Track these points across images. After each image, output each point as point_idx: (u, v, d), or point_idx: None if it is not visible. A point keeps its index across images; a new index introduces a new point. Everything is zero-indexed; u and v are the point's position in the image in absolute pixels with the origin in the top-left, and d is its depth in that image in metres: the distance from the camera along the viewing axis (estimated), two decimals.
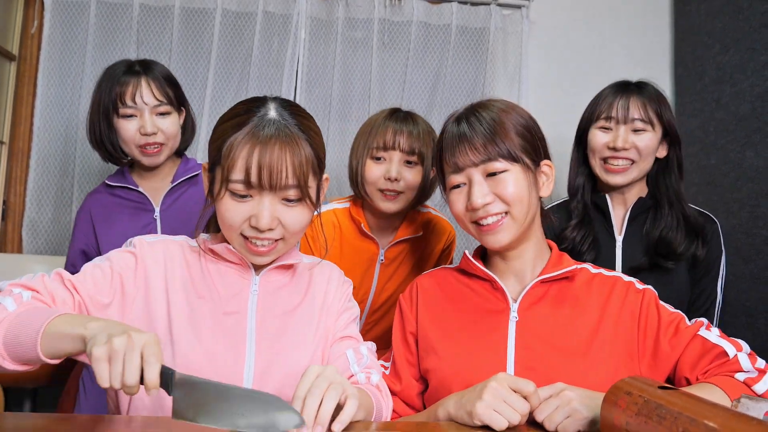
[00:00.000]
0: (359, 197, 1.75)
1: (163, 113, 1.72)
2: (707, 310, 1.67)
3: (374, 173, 1.67)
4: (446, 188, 1.22)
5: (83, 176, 2.47)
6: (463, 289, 1.26)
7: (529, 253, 1.22)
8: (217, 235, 1.17)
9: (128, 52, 2.48)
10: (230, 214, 1.05)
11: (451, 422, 1.04)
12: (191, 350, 1.04)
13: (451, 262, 1.87)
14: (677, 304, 1.23)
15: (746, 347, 1.11)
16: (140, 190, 1.79)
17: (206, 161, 1.15)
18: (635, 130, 1.62)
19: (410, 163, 1.68)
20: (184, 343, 1.04)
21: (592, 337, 1.14)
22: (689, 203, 1.71)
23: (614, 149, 1.62)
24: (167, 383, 0.82)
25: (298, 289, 1.18)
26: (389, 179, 1.65)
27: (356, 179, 1.71)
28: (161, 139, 1.71)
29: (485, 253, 1.29)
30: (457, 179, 1.18)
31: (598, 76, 2.61)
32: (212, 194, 1.08)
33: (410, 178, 1.67)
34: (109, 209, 1.78)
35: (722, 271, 1.69)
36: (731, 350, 1.09)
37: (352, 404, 0.88)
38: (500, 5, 2.65)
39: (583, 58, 2.71)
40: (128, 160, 1.81)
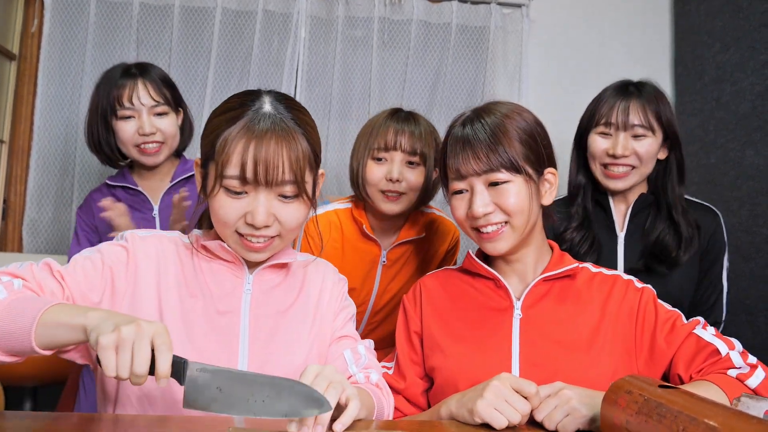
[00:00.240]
0: (360, 199, 1.72)
1: (160, 113, 1.73)
2: (715, 301, 1.67)
3: (375, 174, 1.64)
4: (448, 192, 1.22)
5: (83, 175, 2.47)
6: (466, 288, 1.26)
7: (530, 256, 1.23)
8: (210, 231, 1.13)
9: (128, 51, 2.48)
10: (224, 210, 1.02)
11: (452, 421, 1.04)
12: (183, 350, 1.01)
13: (455, 263, 1.86)
14: (675, 304, 1.24)
15: (738, 345, 1.12)
16: (140, 189, 1.80)
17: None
18: (635, 135, 1.60)
19: (412, 163, 1.65)
20: (175, 342, 1.00)
21: (594, 333, 1.15)
22: (690, 197, 1.71)
23: (614, 156, 1.61)
24: (179, 372, 0.81)
25: (292, 287, 1.16)
26: (391, 180, 1.62)
27: (357, 180, 1.68)
28: (160, 138, 1.72)
29: (486, 255, 1.29)
30: (459, 186, 1.18)
31: (598, 74, 2.61)
32: (205, 190, 1.06)
33: (412, 178, 1.64)
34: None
35: (726, 263, 1.69)
36: (723, 348, 1.10)
37: (354, 405, 0.87)
38: (500, 4, 2.65)
39: (583, 56, 2.71)
40: (127, 162, 1.83)
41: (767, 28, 2.13)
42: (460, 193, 1.19)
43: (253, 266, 1.12)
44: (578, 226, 1.67)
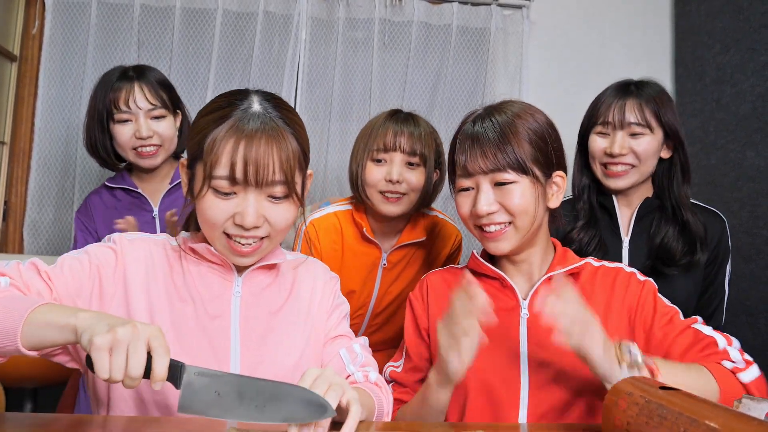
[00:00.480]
0: (360, 201, 1.70)
1: (157, 117, 1.73)
2: (716, 308, 1.66)
3: (375, 175, 1.63)
4: (455, 188, 1.22)
5: (84, 177, 2.47)
6: None
7: (535, 256, 1.23)
8: (197, 234, 1.11)
9: (129, 52, 2.48)
10: (212, 211, 1.00)
11: (450, 423, 1.05)
12: (173, 354, 0.96)
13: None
14: (682, 308, 1.23)
15: (737, 343, 1.12)
16: (139, 191, 1.80)
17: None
18: (633, 134, 1.59)
19: (412, 164, 1.64)
20: None
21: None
22: (694, 201, 1.70)
23: (611, 155, 1.60)
24: (175, 376, 0.79)
25: (282, 288, 1.14)
26: (390, 181, 1.61)
27: (357, 182, 1.67)
28: (157, 141, 1.72)
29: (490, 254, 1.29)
30: (465, 183, 1.18)
31: (598, 76, 2.61)
32: (192, 192, 1.03)
33: (413, 179, 1.63)
34: (109, 210, 1.79)
35: (729, 267, 1.68)
36: (722, 342, 1.10)
37: (356, 410, 0.86)
38: (501, 5, 2.65)
39: (583, 58, 2.71)
40: (125, 165, 1.83)
41: (767, 29, 2.13)
42: (466, 190, 1.18)
43: (242, 268, 1.10)
44: (585, 225, 1.66)
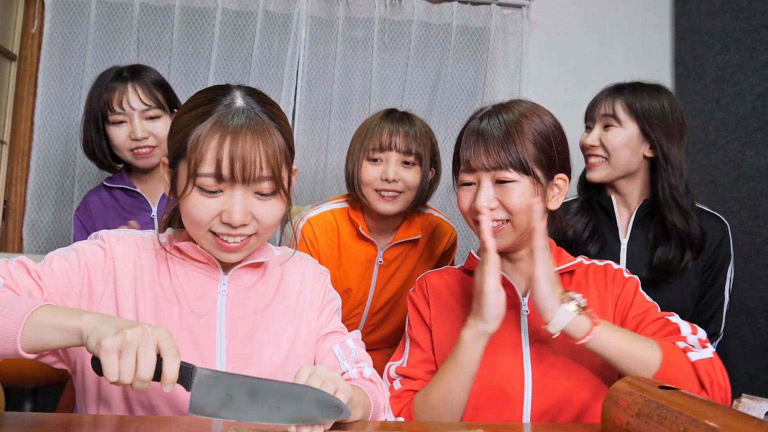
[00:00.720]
0: (356, 200, 1.72)
1: (152, 117, 1.72)
2: (714, 313, 1.66)
3: (371, 174, 1.64)
4: (457, 183, 1.25)
5: (84, 176, 2.47)
6: (470, 289, 1.26)
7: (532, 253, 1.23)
8: (182, 231, 1.08)
9: (129, 52, 2.48)
10: (198, 210, 0.98)
11: (449, 422, 1.04)
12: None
13: (452, 263, 1.86)
14: (680, 313, 1.24)
15: (702, 333, 1.13)
16: (138, 190, 1.79)
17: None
18: (606, 126, 1.64)
19: (408, 163, 1.65)
20: None
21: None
22: (698, 205, 1.69)
23: (584, 147, 1.68)
24: (186, 378, 0.79)
25: (269, 286, 1.12)
26: (386, 180, 1.62)
27: (353, 181, 1.68)
28: (153, 142, 1.71)
29: None
30: (467, 178, 1.20)
31: (598, 75, 2.60)
32: (175, 191, 1.01)
33: (409, 178, 1.64)
34: (107, 209, 1.79)
35: (730, 274, 1.67)
36: (686, 329, 1.13)
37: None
38: (501, 5, 2.65)
39: (583, 57, 2.71)
40: (122, 166, 1.82)
41: (767, 29, 2.13)
42: (467, 185, 1.20)
43: (228, 267, 1.09)
44: (579, 208, 1.69)
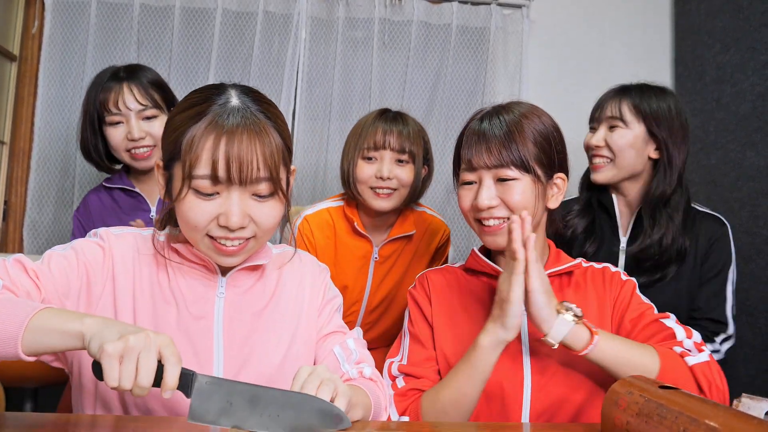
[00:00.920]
0: (352, 198, 1.76)
1: (149, 117, 1.71)
2: (716, 308, 1.64)
3: (366, 172, 1.69)
4: (458, 182, 1.26)
5: (84, 177, 2.47)
6: (471, 288, 1.28)
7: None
8: (180, 232, 1.05)
9: (129, 52, 2.48)
10: (194, 213, 0.95)
11: (451, 423, 1.05)
12: None
13: (446, 259, 1.89)
14: (672, 310, 1.25)
15: (697, 336, 1.14)
16: (137, 191, 1.79)
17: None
18: (611, 127, 1.64)
19: (401, 161, 1.70)
20: None
21: (595, 324, 1.17)
22: (694, 204, 1.69)
23: (589, 148, 1.68)
24: (186, 385, 0.79)
25: (267, 288, 1.11)
26: (381, 178, 1.67)
27: (348, 180, 1.72)
28: (150, 142, 1.71)
29: (489, 251, 1.31)
30: (468, 177, 1.21)
31: (598, 75, 2.62)
32: (170, 194, 0.99)
33: (403, 176, 1.69)
34: (106, 210, 1.78)
35: (732, 275, 1.66)
36: (681, 334, 1.14)
37: (339, 403, 0.86)
38: (500, 5, 2.65)
39: (583, 57, 2.71)
40: (121, 167, 1.82)
41: (767, 28, 2.13)
42: (468, 184, 1.22)
43: (226, 269, 1.07)
44: (580, 210, 1.69)
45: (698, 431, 0.73)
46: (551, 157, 1.20)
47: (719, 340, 1.62)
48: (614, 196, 1.71)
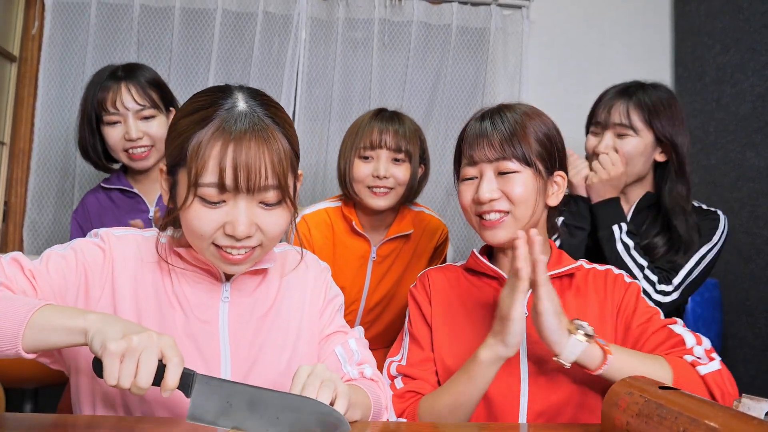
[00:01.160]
0: (349, 198, 1.77)
1: (147, 117, 1.70)
2: (673, 263, 1.58)
3: (362, 171, 1.70)
4: (459, 179, 1.26)
5: (84, 177, 2.47)
6: (471, 287, 1.28)
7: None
8: (183, 235, 1.03)
9: (129, 53, 2.48)
10: (200, 222, 0.92)
11: (452, 423, 1.04)
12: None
13: (444, 259, 1.89)
14: None
15: (707, 343, 1.13)
16: (135, 191, 1.78)
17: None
18: (619, 134, 1.62)
19: (398, 160, 1.71)
20: None
21: (597, 329, 1.15)
22: (697, 203, 1.69)
23: (596, 154, 1.64)
24: (187, 384, 0.79)
25: (270, 289, 1.10)
26: (377, 177, 1.68)
27: (344, 179, 1.73)
28: (148, 142, 1.70)
29: (491, 253, 1.31)
30: (470, 172, 1.22)
31: (598, 75, 2.60)
32: (174, 199, 0.97)
33: (399, 174, 1.70)
34: (105, 210, 1.77)
35: (706, 254, 1.58)
36: (690, 341, 1.12)
37: (340, 404, 0.86)
38: (500, 5, 2.65)
39: (583, 58, 2.72)
40: (120, 166, 1.81)
41: (767, 29, 2.13)
42: (469, 179, 1.22)
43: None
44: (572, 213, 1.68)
45: (698, 431, 0.73)
46: (552, 154, 1.21)
47: (669, 288, 1.57)
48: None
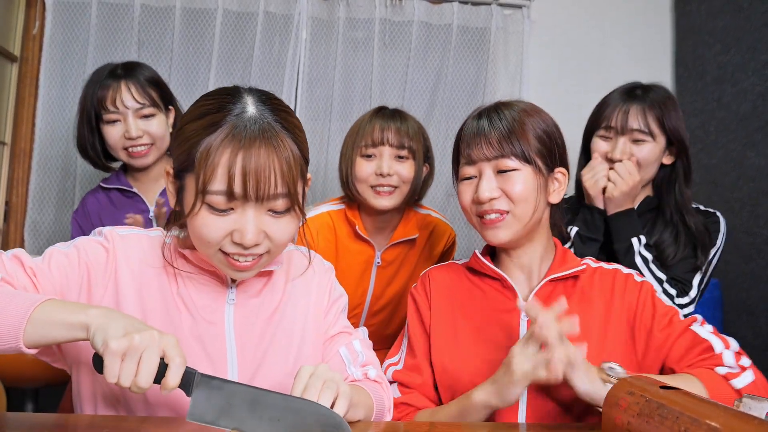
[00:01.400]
0: (352, 200, 1.72)
1: (147, 115, 1.69)
2: (686, 274, 1.60)
3: (365, 170, 1.65)
4: (458, 179, 1.24)
5: (85, 177, 2.47)
6: (473, 288, 1.25)
7: (535, 252, 1.22)
8: (188, 236, 1.01)
9: (129, 52, 2.48)
10: (208, 229, 0.91)
11: (451, 423, 1.04)
12: None
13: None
14: None
15: (735, 345, 1.11)
16: (134, 190, 1.77)
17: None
18: (635, 140, 1.59)
19: (401, 157, 1.66)
20: None
21: (601, 332, 1.15)
22: (694, 204, 1.69)
23: (611, 160, 1.60)
24: (188, 383, 0.79)
25: (276, 289, 1.09)
26: (381, 174, 1.63)
27: (347, 180, 1.69)
28: (147, 140, 1.70)
29: (493, 252, 1.29)
30: (468, 171, 1.20)
31: (599, 75, 2.62)
32: (182, 204, 0.95)
33: (403, 172, 1.65)
34: (104, 210, 1.77)
35: (710, 257, 1.60)
36: (719, 346, 1.10)
37: (340, 405, 0.86)
38: (501, 5, 2.65)
39: (584, 57, 2.71)
40: (119, 166, 1.81)
41: None
42: (468, 179, 1.20)
43: None
44: (572, 220, 1.67)
45: (699, 431, 0.73)
46: (552, 150, 1.19)
47: (686, 300, 1.59)
48: None
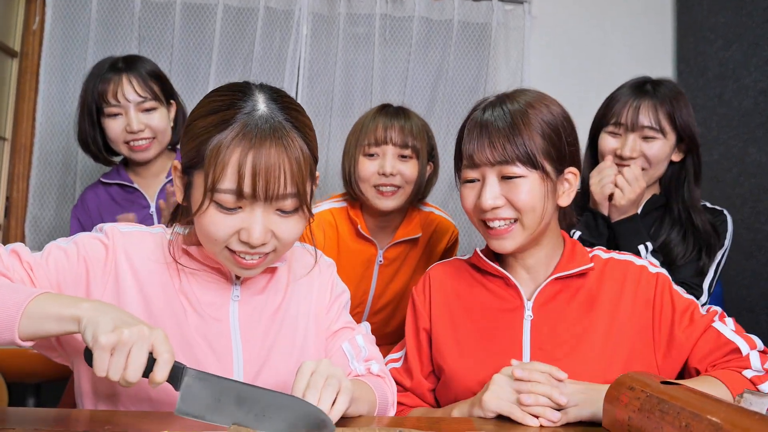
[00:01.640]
0: (354, 199, 1.70)
1: (148, 109, 1.68)
2: (695, 278, 1.59)
3: (368, 170, 1.62)
4: (460, 179, 1.16)
5: (85, 172, 2.47)
6: (476, 285, 1.21)
7: (541, 254, 1.16)
8: (191, 232, 1.01)
9: (130, 47, 2.48)
10: (215, 228, 0.91)
11: (452, 418, 1.04)
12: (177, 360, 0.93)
13: None
14: None
15: (760, 344, 1.08)
16: (135, 186, 1.77)
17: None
18: (645, 137, 1.55)
19: (405, 157, 1.63)
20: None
21: (608, 331, 1.10)
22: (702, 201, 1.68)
23: (621, 157, 1.56)
24: (176, 377, 0.79)
25: (279, 286, 1.08)
26: (384, 174, 1.61)
27: (350, 179, 1.66)
28: (149, 134, 1.69)
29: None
30: (471, 174, 1.12)
31: (600, 71, 2.62)
32: (189, 200, 0.95)
33: (407, 171, 1.62)
34: (105, 206, 1.77)
35: (719, 258, 1.60)
36: (745, 348, 1.06)
37: (342, 401, 0.86)
38: (502, 1, 2.65)
39: (585, 53, 2.71)
40: (120, 159, 1.80)
41: None
42: (471, 182, 1.12)
43: None
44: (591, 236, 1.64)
45: (700, 427, 0.73)
46: (561, 150, 1.10)
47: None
48: None
